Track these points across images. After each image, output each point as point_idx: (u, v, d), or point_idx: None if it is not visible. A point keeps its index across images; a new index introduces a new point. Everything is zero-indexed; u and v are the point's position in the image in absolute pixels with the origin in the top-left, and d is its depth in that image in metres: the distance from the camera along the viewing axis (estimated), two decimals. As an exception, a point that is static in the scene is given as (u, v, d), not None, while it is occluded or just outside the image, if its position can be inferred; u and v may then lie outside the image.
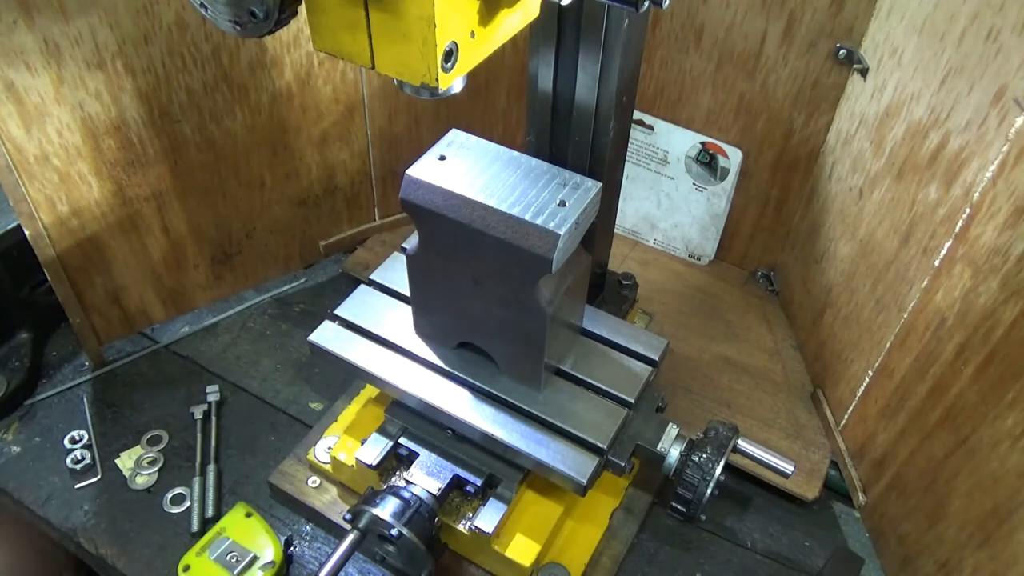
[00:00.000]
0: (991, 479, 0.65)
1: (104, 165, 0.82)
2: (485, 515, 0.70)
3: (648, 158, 1.06)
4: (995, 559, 0.64)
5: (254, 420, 0.90)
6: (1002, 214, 0.62)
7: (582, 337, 0.76)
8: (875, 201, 0.81)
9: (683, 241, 1.10)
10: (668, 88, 0.99)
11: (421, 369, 0.73)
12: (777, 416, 0.91)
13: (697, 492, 0.69)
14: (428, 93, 0.47)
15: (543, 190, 0.61)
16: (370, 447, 0.74)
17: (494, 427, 0.68)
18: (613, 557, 0.77)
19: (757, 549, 0.81)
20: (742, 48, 0.91)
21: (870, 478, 0.82)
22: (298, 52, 0.89)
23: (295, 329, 1.00)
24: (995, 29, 0.62)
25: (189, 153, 0.88)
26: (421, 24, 0.42)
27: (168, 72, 0.81)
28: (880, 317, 0.80)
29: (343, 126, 0.98)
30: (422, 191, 0.62)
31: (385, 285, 0.79)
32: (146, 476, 0.84)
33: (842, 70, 0.86)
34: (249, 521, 0.77)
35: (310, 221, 1.04)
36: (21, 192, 0.77)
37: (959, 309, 0.67)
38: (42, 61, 0.72)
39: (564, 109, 0.69)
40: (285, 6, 0.44)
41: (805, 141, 0.94)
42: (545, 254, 0.58)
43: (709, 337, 1.00)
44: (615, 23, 0.61)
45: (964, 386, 0.67)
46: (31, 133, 0.75)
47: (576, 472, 0.65)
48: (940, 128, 0.70)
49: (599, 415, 0.69)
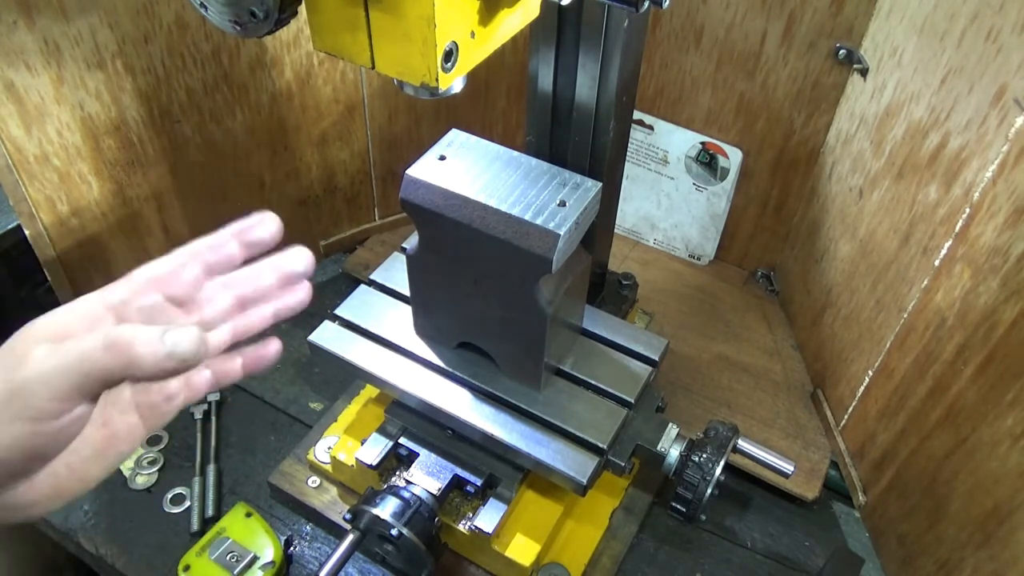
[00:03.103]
0: (991, 479, 0.65)
1: (104, 165, 0.82)
2: (485, 515, 0.70)
3: (648, 158, 1.06)
4: (995, 559, 0.64)
5: (254, 420, 0.90)
6: (1002, 214, 0.62)
7: (582, 337, 0.76)
8: (875, 201, 0.81)
9: (683, 241, 1.10)
10: (668, 88, 0.99)
11: (421, 369, 0.73)
12: (777, 416, 0.91)
13: (697, 492, 0.69)
14: (428, 93, 0.47)
15: (543, 190, 0.61)
16: (370, 447, 0.74)
17: (494, 427, 0.68)
18: (613, 557, 0.77)
19: (757, 549, 0.81)
20: (742, 48, 0.91)
21: (870, 478, 0.82)
22: (298, 52, 0.88)
23: (295, 329, 1.00)
24: (995, 29, 0.62)
25: (189, 153, 0.88)
26: (421, 24, 0.42)
27: (168, 72, 0.81)
28: (880, 317, 0.80)
29: (343, 126, 0.98)
30: (422, 191, 0.62)
31: (385, 285, 0.79)
32: (146, 476, 0.84)
33: (842, 70, 0.86)
34: (249, 521, 0.77)
35: (310, 221, 1.04)
36: (21, 192, 0.77)
37: (959, 309, 0.67)
38: (42, 61, 0.72)
39: (564, 109, 0.69)
40: (285, 6, 0.44)
41: (805, 141, 0.94)
42: (545, 254, 0.58)
43: (709, 337, 1.00)
44: (615, 23, 0.61)
45: (964, 386, 0.67)
46: (31, 133, 0.75)
47: (576, 472, 0.65)
48: (940, 128, 0.70)
49: (599, 415, 0.69)
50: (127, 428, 0.44)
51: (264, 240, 0.49)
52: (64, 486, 0.42)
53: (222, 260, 0.48)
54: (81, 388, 0.38)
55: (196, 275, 0.47)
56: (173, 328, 0.39)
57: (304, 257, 0.51)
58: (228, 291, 0.48)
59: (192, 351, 0.39)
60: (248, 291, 0.49)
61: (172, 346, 0.38)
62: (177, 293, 0.46)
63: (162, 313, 0.46)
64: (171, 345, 0.38)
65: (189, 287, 0.47)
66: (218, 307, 0.48)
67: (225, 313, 0.49)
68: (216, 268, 0.48)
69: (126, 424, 0.44)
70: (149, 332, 0.38)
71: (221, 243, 0.48)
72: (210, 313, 0.48)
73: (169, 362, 0.39)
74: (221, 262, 0.48)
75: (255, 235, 0.49)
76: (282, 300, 0.51)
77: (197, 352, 0.39)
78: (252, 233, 0.49)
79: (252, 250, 0.49)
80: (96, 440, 0.43)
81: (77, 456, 0.42)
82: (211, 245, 0.48)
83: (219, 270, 0.48)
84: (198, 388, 0.47)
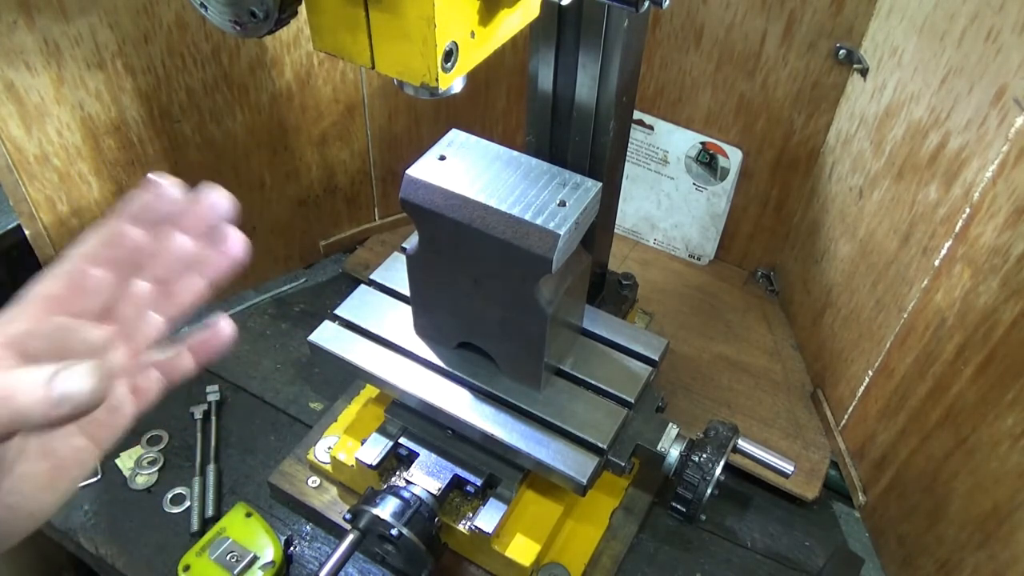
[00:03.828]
0: (991, 479, 0.65)
1: (104, 165, 0.82)
2: (485, 515, 0.70)
3: (648, 158, 1.06)
4: (995, 559, 0.64)
5: (254, 420, 0.90)
6: (1002, 214, 0.62)
7: (582, 337, 0.76)
8: (875, 201, 0.81)
9: (683, 241, 1.10)
10: (668, 88, 0.99)
11: (421, 369, 0.73)
12: (777, 416, 0.91)
13: (697, 492, 0.69)
14: (428, 93, 0.47)
15: (543, 190, 0.61)
16: (370, 447, 0.74)
17: (494, 427, 0.68)
18: (613, 557, 0.77)
19: (757, 549, 0.81)
20: (742, 48, 0.91)
21: (870, 478, 0.82)
22: (298, 52, 0.89)
23: (295, 329, 1.00)
24: (995, 29, 0.62)
25: (189, 153, 0.88)
26: (421, 24, 0.42)
27: (168, 72, 0.81)
28: (880, 317, 0.80)
29: (343, 126, 0.98)
30: (422, 191, 0.62)
31: (385, 285, 0.79)
32: (146, 476, 0.84)
33: (842, 70, 0.86)
34: (249, 521, 0.77)
35: (310, 221, 1.04)
36: (21, 192, 0.77)
37: (959, 309, 0.67)
38: (42, 61, 0.72)
39: (564, 109, 0.68)
40: (285, 6, 0.44)
41: (805, 141, 0.94)
42: (545, 254, 0.58)
43: (709, 337, 1.00)
44: (615, 23, 0.61)
45: (964, 386, 0.67)
46: (31, 133, 0.75)
47: (576, 472, 0.65)
48: (940, 128, 0.70)
49: (599, 415, 0.69)
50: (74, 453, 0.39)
51: (168, 212, 0.41)
52: (10, 527, 0.38)
53: (126, 252, 0.41)
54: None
55: (100, 280, 0.40)
56: (64, 367, 0.32)
57: (219, 197, 0.43)
58: (143, 275, 0.42)
59: (88, 392, 0.32)
60: (166, 268, 0.42)
61: (62, 391, 0.31)
62: (84, 306, 0.40)
63: (72, 333, 0.39)
64: (60, 390, 0.31)
65: (95, 295, 0.40)
66: (137, 299, 0.42)
67: (147, 303, 0.42)
68: (122, 262, 0.41)
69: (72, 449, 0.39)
70: (33, 377, 0.32)
71: (118, 234, 0.41)
72: (130, 310, 0.41)
73: (61, 409, 0.32)
74: (125, 254, 0.41)
75: (157, 210, 0.41)
76: (212, 263, 0.43)
77: (95, 391, 0.32)
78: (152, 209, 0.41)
79: (160, 227, 0.42)
80: (39, 474, 0.38)
81: (18, 495, 0.38)
82: (107, 240, 0.41)
83: (127, 262, 0.41)
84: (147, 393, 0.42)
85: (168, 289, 0.43)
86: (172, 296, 0.43)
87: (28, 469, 0.38)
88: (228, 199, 0.43)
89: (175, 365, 0.44)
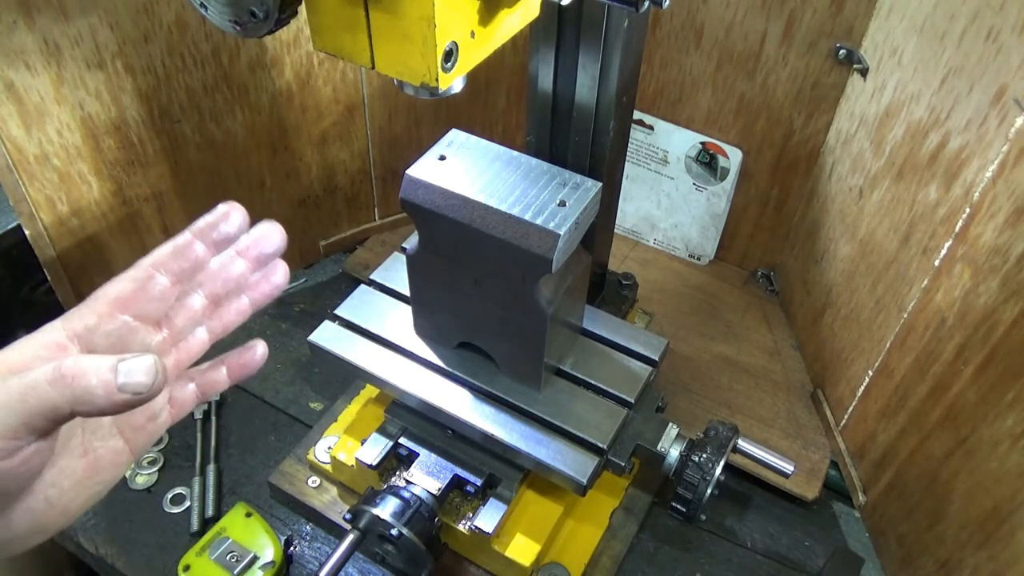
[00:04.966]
0: (991, 479, 0.65)
1: (104, 165, 0.82)
2: (485, 515, 0.70)
3: (648, 158, 1.06)
4: (995, 559, 0.64)
5: (254, 420, 0.90)
6: (1002, 214, 0.62)
7: (582, 337, 0.76)
8: (875, 201, 0.81)
9: (683, 241, 1.10)
10: (668, 88, 0.99)
11: (421, 369, 0.73)
12: (777, 416, 0.91)
13: (697, 492, 0.69)
14: (428, 93, 0.47)
15: (543, 190, 0.61)
16: (370, 447, 0.74)
17: (494, 427, 0.68)
18: (613, 557, 0.77)
19: (757, 549, 0.81)
20: (742, 48, 0.91)
21: (870, 478, 0.82)
22: (298, 52, 0.89)
23: (295, 329, 1.00)
24: (995, 29, 0.62)
25: (189, 153, 0.88)
26: (421, 24, 0.42)
27: (168, 72, 0.81)
28: (880, 317, 0.80)
29: (343, 126, 0.98)
30: (422, 191, 0.62)
31: (385, 285, 0.79)
32: (146, 476, 0.84)
33: (842, 70, 0.86)
34: (249, 521, 0.77)
35: (310, 221, 1.04)
36: (21, 192, 0.77)
37: (959, 309, 0.67)
38: (42, 61, 0.72)
39: (564, 109, 0.69)
40: (285, 6, 0.44)
41: (805, 141, 0.94)
42: (545, 254, 0.58)
43: (709, 337, 1.00)
44: (615, 23, 0.61)
45: (964, 386, 0.67)
46: (31, 133, 0.75)
47: (576, 472, 0.65)
48: (940, 128, 0.70)
49: (599, 415, 0.69)
50: (111, 454, 0.42)
51: (231, 235, 0.46)
52: (44, 520, 0.40)
53: (190, 266, 0.45)
54: (28, 425, 0.35)
55: (164, 288, 0.44)
56: (128, 357, 0.36)
57: (275, 233, 0.47)
58: (199, 291, 0.46)
59: (148, 383, 0.35)
60: (220, 286, 0.46)
61: (125, 378, 0.35)
62: (146, 310, 0.43)
63: (133, 334, 0.43)
64: (124, 377, 0.35)
65: (158, 302, 0.44)
66: (190, 312, 0.45)
67: (199, 316, 0.46)
68: (185, 275, 0.45)
69: (109, 450, 0.42)
70: (100, 363, 0.35)
71: (186, 247, 0.45)
72: (182, 321, 0.45)
73: (122, 395, 0.35)
74: (189, 268, 0.45)
75: (222, 232, 0.45)
76: (258, 288, 0.48)
77: (153, 383, 0.36)
78: (218, 230, 0.45)
79: (220, 248, 0.46)
80: (77, 470, 0.41)
81: (56, 488, 0.40)
82: (176, 251, 0.45)
83: (188, 276, 0.45)
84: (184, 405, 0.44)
85: (218, 307, 0.46)
86: (220, 315, 0.47)
87: (69, 464, 0.40)
88: (283, 234, 0.48)
89: (213, 381, 0.47)
